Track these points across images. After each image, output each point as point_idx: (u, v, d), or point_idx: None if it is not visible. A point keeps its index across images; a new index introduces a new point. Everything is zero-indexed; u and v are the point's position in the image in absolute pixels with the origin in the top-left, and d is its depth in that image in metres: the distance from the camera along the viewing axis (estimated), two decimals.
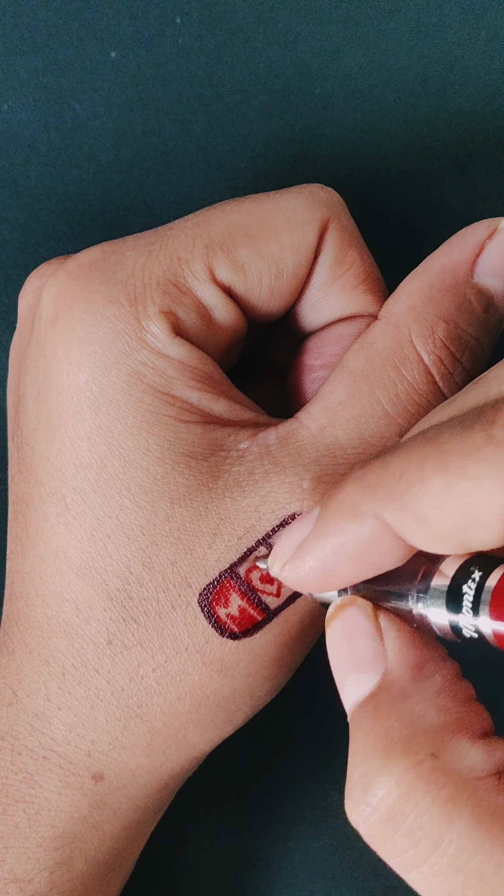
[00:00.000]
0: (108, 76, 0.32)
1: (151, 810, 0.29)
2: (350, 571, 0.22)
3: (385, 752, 0.20)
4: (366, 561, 0.22)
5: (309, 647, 0.28)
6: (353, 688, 0.22)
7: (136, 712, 0.26)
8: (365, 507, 0.21)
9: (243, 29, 0.32)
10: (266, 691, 0.27)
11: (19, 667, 0.27)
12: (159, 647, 0.26)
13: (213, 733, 0.27)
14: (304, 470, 0.25)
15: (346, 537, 0.21)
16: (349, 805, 0.21)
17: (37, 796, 0.27)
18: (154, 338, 0.26)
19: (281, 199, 0.27)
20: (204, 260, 0.26)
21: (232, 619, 0.25)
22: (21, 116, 0.32)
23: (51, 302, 0.26)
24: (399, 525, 0.20)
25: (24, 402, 0.27)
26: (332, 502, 0.22)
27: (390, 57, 0.32)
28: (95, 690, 0.26)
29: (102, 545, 0.26)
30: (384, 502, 0.21)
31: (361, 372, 0.26)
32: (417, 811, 0.20)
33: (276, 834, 0.34)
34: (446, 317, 0.26)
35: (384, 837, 0.20)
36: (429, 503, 0.20)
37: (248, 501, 0.25)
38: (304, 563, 0.22)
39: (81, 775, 0.27)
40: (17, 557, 0.28)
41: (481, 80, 0.32)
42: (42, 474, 0.26)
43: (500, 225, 0.26)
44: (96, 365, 0.26)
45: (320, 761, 0.34)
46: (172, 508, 0.25)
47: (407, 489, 0.20)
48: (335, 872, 0.34)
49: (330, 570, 0.22)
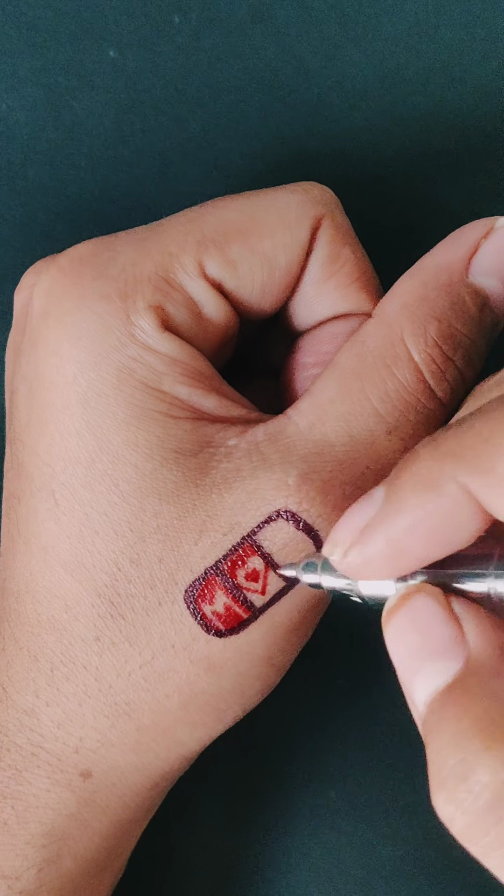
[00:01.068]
0: (106, 75, 0.32)
1: (142, 809, 0.29)
2: (425, 551, 0.21)
3: (486, 733, 0.19)
4: (444, 537, 0.20)
5: (300, 646, 0.27)
6: (429, 679, 0.20)
7: (123, 709, 0.26)
8: (446, 475, 0.19)
9: (242, 28, 0.32)
10: (256, 691, 0.27)
11: (9, 663, 0.27)
12: (146, 643, 0.26)
13: (203, 732, 0.27)
14: (290, 466, 0.25)
15: (423, 511, 0.20)
16: (443, 797, 0.19)
17: (25, 793, 0.27)
18: (143, 333, 0.26)
19: (274, 197, 0.27)
20: (195, 256, 0.26)
21: (217, 617, 0.25)
22: (20, 116, 0.32)
23: (42, 297, 0.26)
24: (487, 492, 0.19)
25: (16, 397, 0.27)
26: (403, 476, 0.20)
27: (388, 56, 0.32)
28: (83, 687, 0.26)
29: (91, 541, 0.26)
30: (469, 469, 0.19)
31: (352, 370, 0.26)
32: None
33: (276, 834, 0.34)
34: (439, 316, 0.26)
35: (487, 827, 0.18)
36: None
37: (234, 498, 0.25)
38: (372, 545, 0.21)
39: (69, 772, 0.27)
40: (8, 553, 0.28)
41: (479, 80, 0.32)
42: (32, 469, 0.26)
43: (496, 224, 0.26)
44: (85, 360, 0.26)
45: (320, 761, 0.34)
46: (160, 505, 0.25)
47: (496, 453, 0.19)
48: (335, 872, 0.34)
49: (403, 550, 0.21)
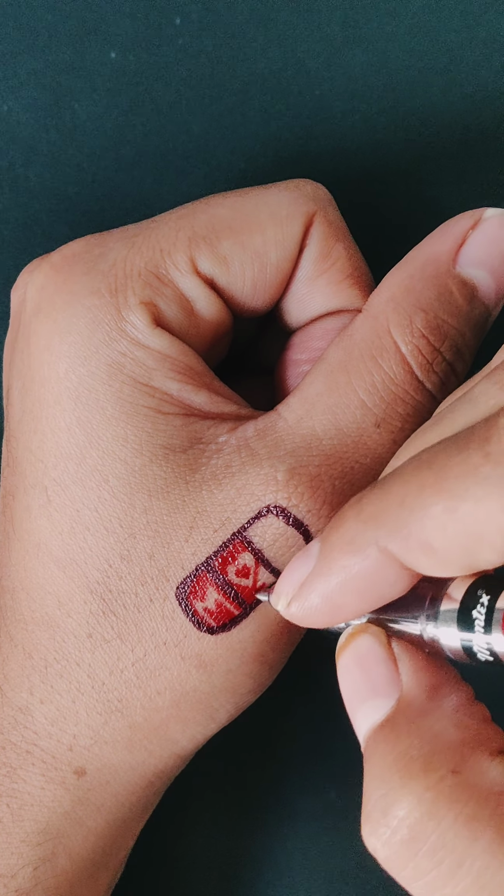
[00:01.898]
0: (107, 77, 0.32)
1: (137, 808, 0.28)
2: (357, 605, 0.22)
3: (405, 770, 0.20)
4: (372, 593, 0.21)
5: (293, 644, 0.27)
6: (367, 714, 0.22)
7: (116, 706, 0.26)
8: (367, 539, 0.21)
9: (243, 30, 0.32)
10: (248, 689, 0.27)
11: (4, 661, 0.27)
12: (138, 640, 0.25)
13: (196, 730, 0.27)
14: (279, 462, 0.25)
15: (349, 572, 0.21)
16: (367, 829, 0.20)
17: (20, 791, 0.27)
18: (134, 328, 0.26)
19: (266, 194, 0.27)
20: (186, 252, 0.26)
21: (209, 614, 0.25)
22: (21, 117, 0.33)
23: (35, 293, 0.27)
24: (404, 554, 0.20)
25: (10, 393, 0.28)
26: (332, 537, 0.22)
27: (390, 57, 0.32)
28: (76, 684, 0.26)
29: (82, 537, 0.26)
30: (387, 533, 0.20)
31: (339, 363, 0.26)
32: (440, 830, 0.19)
33: (276, 834, 0.34)
34: (426, 307, 0.26)
35: (405, 860, 0.19)
36: (433, 529, 0.19)
37: (224, 494, 0.25)
38: (309, 601, 0.22)
39: (64, 770, 0.27)
40: (4, 550, 0.28)
41: (480, 81, 0.32)
42: (25, 465, 0.26)
43: (484, 216, 0.26)
44: (76, 355, 0.26)
45: (320, 760, 0.34)
46: (150, 501, 0.25)
47: (409, 516, 0.19)
48: (335, 872, 0.34)
49: (337, 605, 0.22)
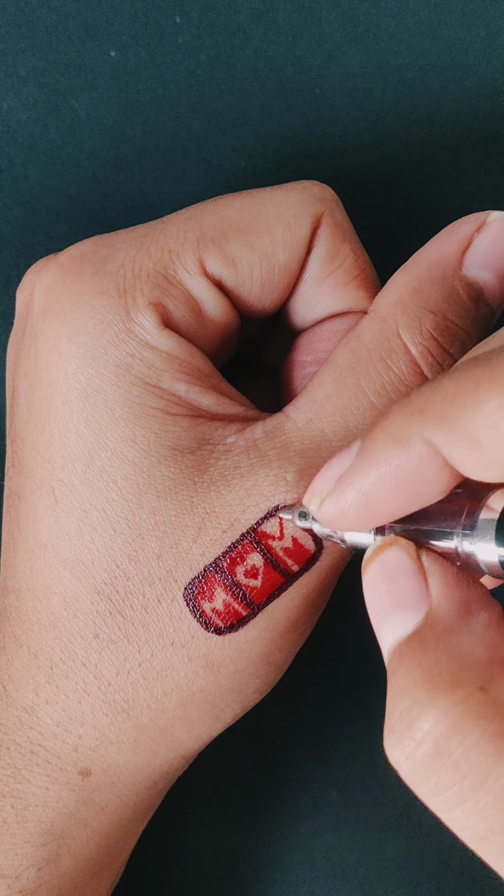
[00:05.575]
0: (107, 75, 0.32)
1: (141, 809, 0.28)
2: (394, 503, 0.21)
3: (432, 685, 0.19)
4: (411, 490, 0.21)
5: (298, 644, 0.27)
6: (393, 627, 0.21)
7: (122, 707, 0.26)
8: (413, 431, 0.20)
9: (243, 28, 0.32)
10: (254, 689, 0.27)
11: (10, 661, 0.27)
12: (145, 641, 0.25)
13: (201, 731, 0.27)
14: (288, 463, 0.25)
15: (391, 465, 0.20)
16: (391, 742, 0.20)
17: (24, 791, 0.27)
18: (143, 329, 0.26)
19: (274, 195, 0.27)
20: (195, 253, 0.26)
21: (217, 614, 0.25)
22: (21, 115, 0.32)
23: (42, 294, 0.26)
24: (450, 448, 0.19)
25: (17, 394, 0.28)
26: (376, 430, 0.21)
27: (390, 56, 0.32)
28: (83, 684, 0.26)
29: (90, 538, 0.26)
30: (434, 425, 0.19)
31: (348, 364, 0.26)
32: (465, 745, 0.19)
33: (277, 833, 0.34)
34: (434, 308, 0.26)
35: (427, 774, 0.19)
36: (483, 424, 0.19)
37: (232, 495, 0.25)
38: (345, 496, 0.21)
39: (69, 770, 0.27)
40: (9, 551, 0.28)
41: (481, 79, 0.32)
42: (32, 466, 0.26)
43: (489, 218, 0.26)
44: (84, 356, 0.26)
45: (320, 759, 0.34)
46: (158, 502, 0.25)
47: (460, 411, 0.19)
48: (337, 872, 0.34)
49: (373, 502, 0.21)
